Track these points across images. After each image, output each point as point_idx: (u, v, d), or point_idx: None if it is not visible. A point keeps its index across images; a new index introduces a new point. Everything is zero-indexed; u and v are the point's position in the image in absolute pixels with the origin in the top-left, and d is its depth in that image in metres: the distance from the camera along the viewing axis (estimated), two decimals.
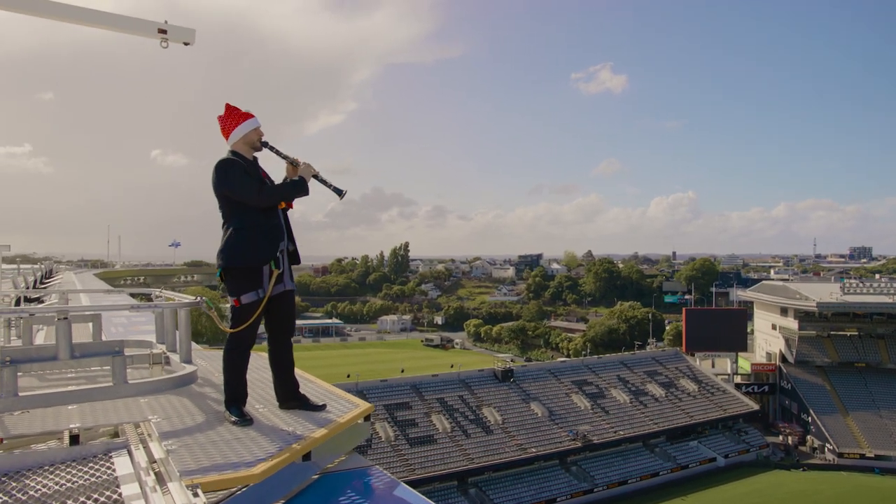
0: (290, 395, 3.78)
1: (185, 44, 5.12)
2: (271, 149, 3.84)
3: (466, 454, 38.12)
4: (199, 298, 4.63)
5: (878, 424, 46.38)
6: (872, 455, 43.40)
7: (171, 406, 3.68)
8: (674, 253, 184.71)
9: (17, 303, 7.57)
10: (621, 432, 42.99)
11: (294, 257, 3.87)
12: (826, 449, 45.20)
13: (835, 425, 46.46)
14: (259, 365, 4.50)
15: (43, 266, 19.72)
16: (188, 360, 4.63)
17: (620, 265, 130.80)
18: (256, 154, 3.89)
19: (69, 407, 3.47)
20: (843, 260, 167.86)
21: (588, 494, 38.50)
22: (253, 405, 3.73)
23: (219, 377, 3.94)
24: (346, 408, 3.73)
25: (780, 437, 48.42)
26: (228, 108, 3.79)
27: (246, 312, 3.56)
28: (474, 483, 37.44)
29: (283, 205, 3.78)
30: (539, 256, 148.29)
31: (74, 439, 2.90)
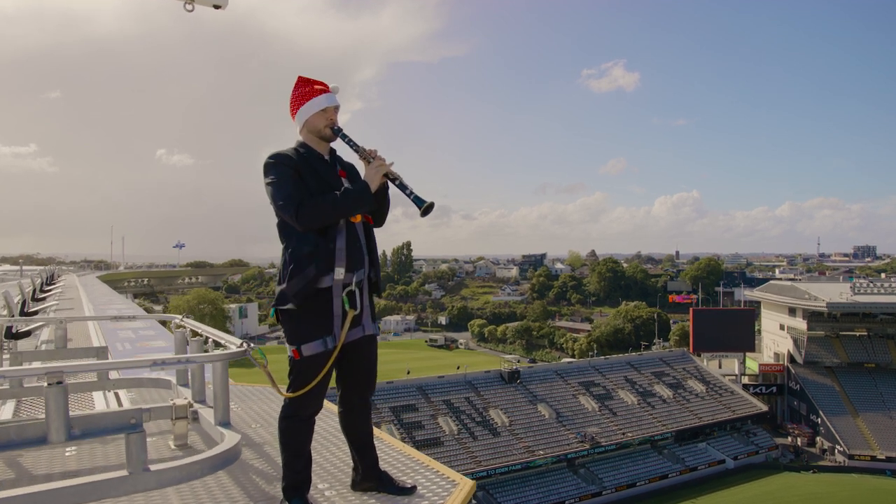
0: (368, 474, 2.94)
1: (216, 7, 4.54)
2: (344, 138, 2.91)
3: (473, 457, 37.73)
4: (244, 345, 3.30)
5: (888, 426, 45.87)
6: (884, 457, 42.90)
7: (209, 496, 2.82)
8: (677, 252, 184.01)
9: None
10: (629, 434, 42.57)
11: (377, 286, 2.96)
12: (836, 451, 44.72)
13: (845, 426, 45.97)
14: (324, 425, 3.66)
15: (44, 272, 19.28)
16: (225, 422, 3.49)
17: (624, 265, 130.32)
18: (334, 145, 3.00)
19: None
20: (847, 259, 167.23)
21: (596, 497, 38.06)
22: (316, 486, 2.92)
23: (261, 430, 3.29)
24: (443, 488, 2.92)
25: (789, 439, 47.97)
26: (298, 82, 2.94)
27: (309, 368, 2.70)
28: (482, 486, 37.01)
29: (359, 218, 2.84)
30: (543, 256, 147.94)
31: None
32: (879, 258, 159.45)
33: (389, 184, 2.87)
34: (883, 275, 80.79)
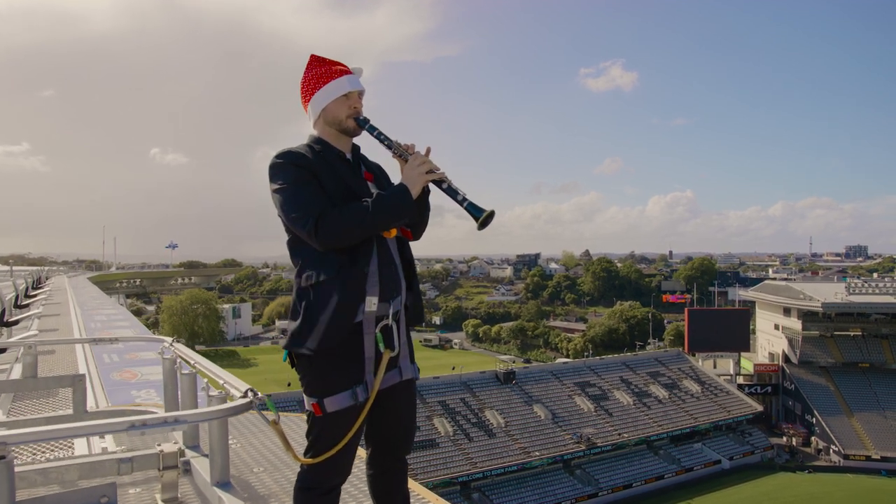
0: None
1: None
2: (373, 131, 2.32)
3: (469, 458, 37.48)
4: (248, 394, 2.34)
5: (883, 425, 45.94)
6: (878, 457, 42.94)
7: None
8: (670, 252, 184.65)
9: None
10: (625, 435, 42.44)
11: (417, 315, 2.39)
12: (831, 450, 44.73)
13: (839, 426, 46.00)
14: (347, 486, 2.97)
15: (31, 275, 18.76)
16: (224, 482, 2.78)
17: (618, 264, 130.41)
18: (357, 140, 2.41)
19: None
20: (839, 259, 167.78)
21: (593, 498, 37.93)
22: None
23: (265, 478, 2.75)
24: None
25: (785, 439, 47.93)
26: (311, 61, 2.35)
27: (335, 427, 2.13)
28: (477, 488, 36.81)
29: (394, 232, 2.26)
30: (537, 256, 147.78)
31: None
32: (871, 258, 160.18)
33: (433, 188, 2.31)
34: (875, 274, 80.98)
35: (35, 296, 13.59)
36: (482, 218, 2.14)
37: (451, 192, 2.22)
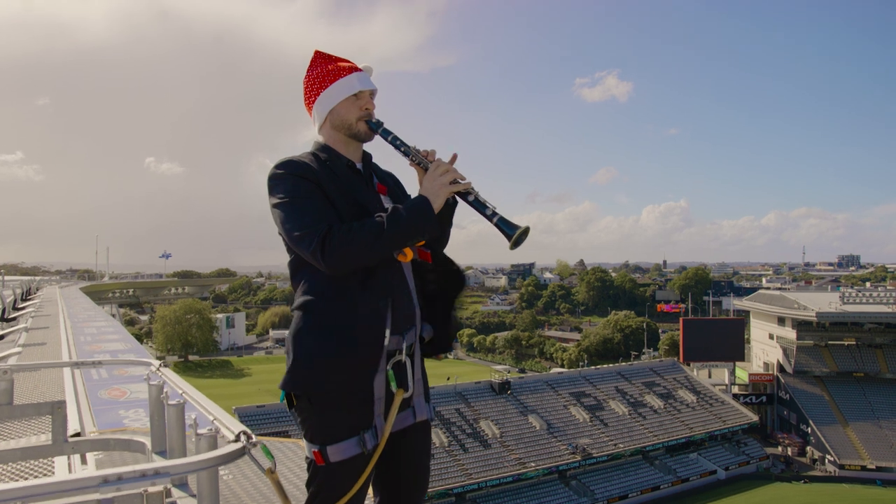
0: None
1: None
2: (387, 136, 2.05)
3: (464, 469, 37.21)
4: (241, 437, 1.79)
5: (878, 435, 45.94)
6: (874, 466, 42.88)
7: None
8: (664, 261, 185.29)
9: None
10: (621, 445, 42.25)
11: (441, 344, 2.13)
12: (827, 460, 44.66)
13: (835, 436, 45.97)
14: None
15: (21, 285, 18.44)
16: None
17: (613, 274, 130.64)
18: (368, 147, 2.16)
19: None
20: (832, 268, 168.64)
21: None
22: None
23: None
24: None
25: (780, 449, 47.87)
26: (315, 58, 2.09)
27: (339, 478, 1.86)
28: (472, 499, 36.53)
29: (410, 255, 1.97)
30: (532, 265, 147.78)
31: None
32: (863, 267, 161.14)
33: (457, 200, 2.01)
34: (868, 283, 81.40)
35: (24, 308, 13.40)
36: (515, 235, 1.90)
37: (479, 206, 1.95)
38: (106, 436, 2.79)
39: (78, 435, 2.54)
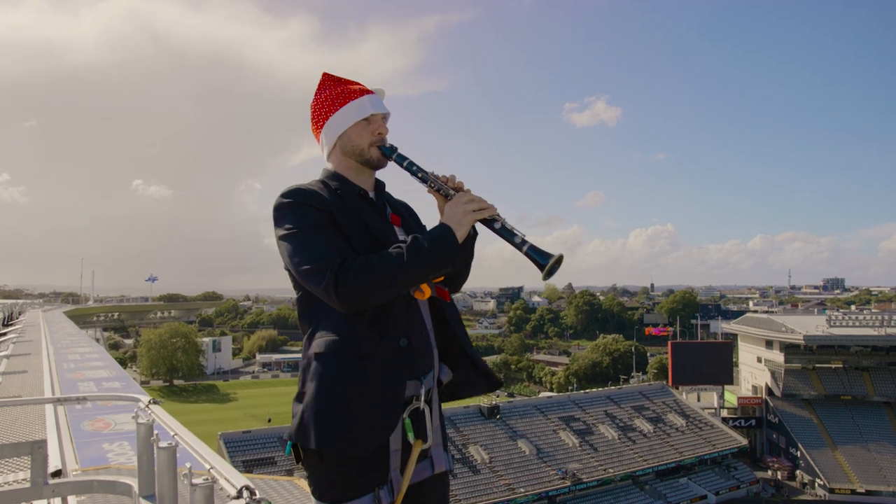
0: None
1: None
2: (402, 162, 1.93)
3: (453, 495, 36.65)
4: (243, 493, 1.56)
5: (866, 459, 45.89)
6: (863, 490, 42.76)
7: None
8: (652, 285, 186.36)
9: None
10: (610, 470, 41.88)
11: (471, 385, 2.00)
12: (816, 484, 44.51)
13: (824, 460, 45.86)
14: None
15: (3, 311, 18.00)
16: None
17: (601, 297, 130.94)
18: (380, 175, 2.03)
19: None
20: (817, 291, 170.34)
21: None
22: None
23: None
24: None
25: (770, 472, 47.65)
26: (324, 80, 1.95)
27: None
28: None
29: (428, 292, 1.80)
30: (520, 289, 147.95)
31: None
32: (848, 290, 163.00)
33: (481, 229, 1.87)
34: (853, 306, 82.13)
35: (5, 334, 13.08)
36: (549, 265, 1.70)
37: (507, 234, 1.78)
38: (90, 476, 2.53)
39: (59, 473, 2.35)
